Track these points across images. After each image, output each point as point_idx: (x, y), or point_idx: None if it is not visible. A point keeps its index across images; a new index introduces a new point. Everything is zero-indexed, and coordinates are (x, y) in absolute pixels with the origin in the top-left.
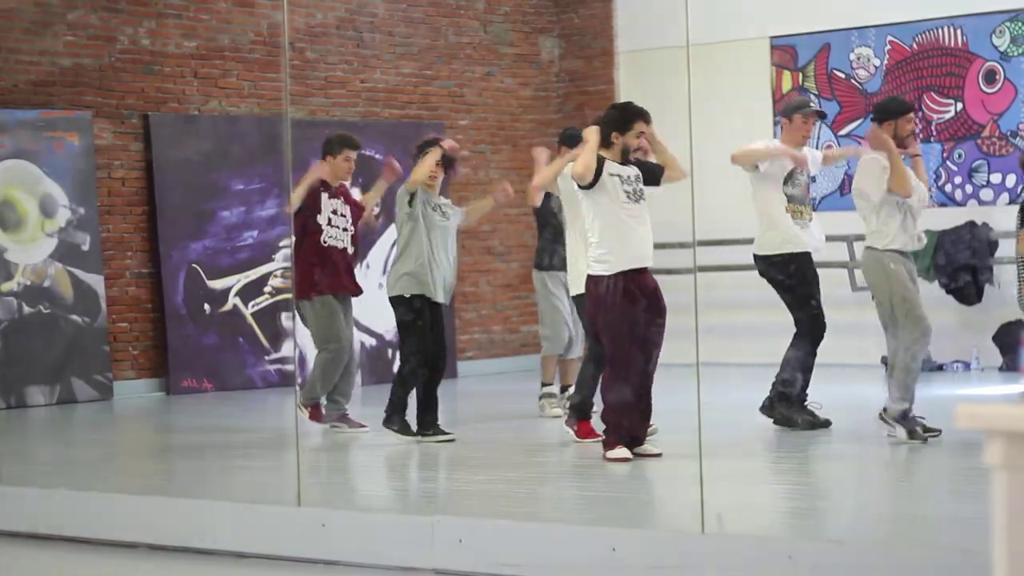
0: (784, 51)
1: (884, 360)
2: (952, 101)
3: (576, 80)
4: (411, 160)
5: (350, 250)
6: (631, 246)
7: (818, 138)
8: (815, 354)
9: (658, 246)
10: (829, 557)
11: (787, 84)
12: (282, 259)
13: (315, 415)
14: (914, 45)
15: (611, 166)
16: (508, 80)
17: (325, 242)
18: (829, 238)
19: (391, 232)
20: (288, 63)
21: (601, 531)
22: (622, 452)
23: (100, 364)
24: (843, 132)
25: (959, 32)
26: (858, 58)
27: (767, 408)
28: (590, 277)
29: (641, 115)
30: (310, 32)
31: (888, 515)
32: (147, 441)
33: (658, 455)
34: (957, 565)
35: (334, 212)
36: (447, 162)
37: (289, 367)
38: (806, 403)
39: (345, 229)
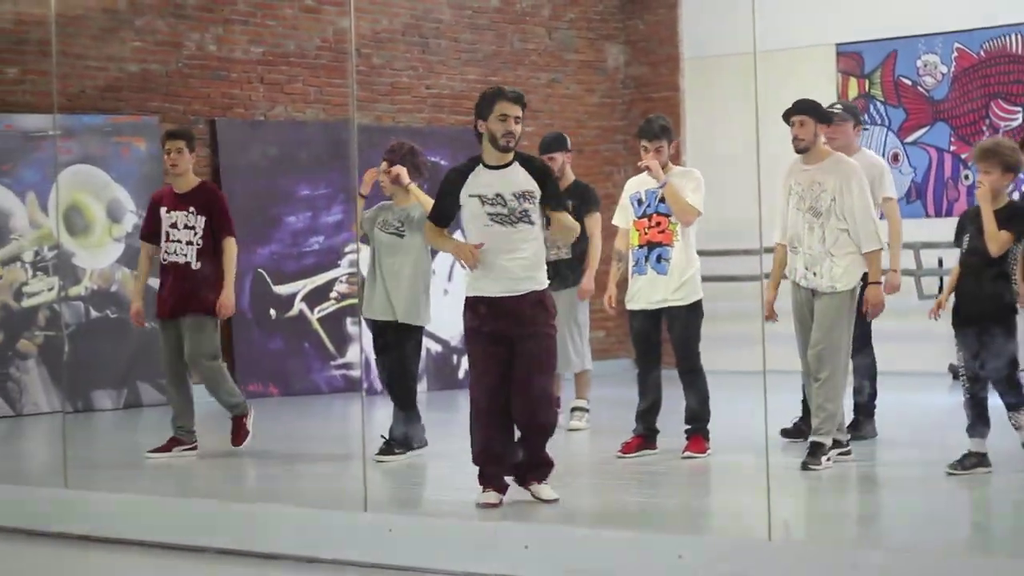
0: (850, 58)
1: (951, 368)
2: (1020, 108)
3: (641, 87)
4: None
5: (195, 265)
6: None
7: (884, 144)
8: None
9: (723, 253)
10: (894, 566)
11: (853, 91)
12: (347, 265)
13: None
14: (981, 52)
15: None
16: (573, 87)
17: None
18: None
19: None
20: (355, 69)
21: (667, 538)
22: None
23: None
24: (910, 139)
25: None
26: (925, 65)
27: (852, 429)
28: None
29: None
30: (376, 38)
31: (953, 524)
32: (213, 445)
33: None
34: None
35: (173, 226)
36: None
37: (354, 372)
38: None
39: (189, 242)
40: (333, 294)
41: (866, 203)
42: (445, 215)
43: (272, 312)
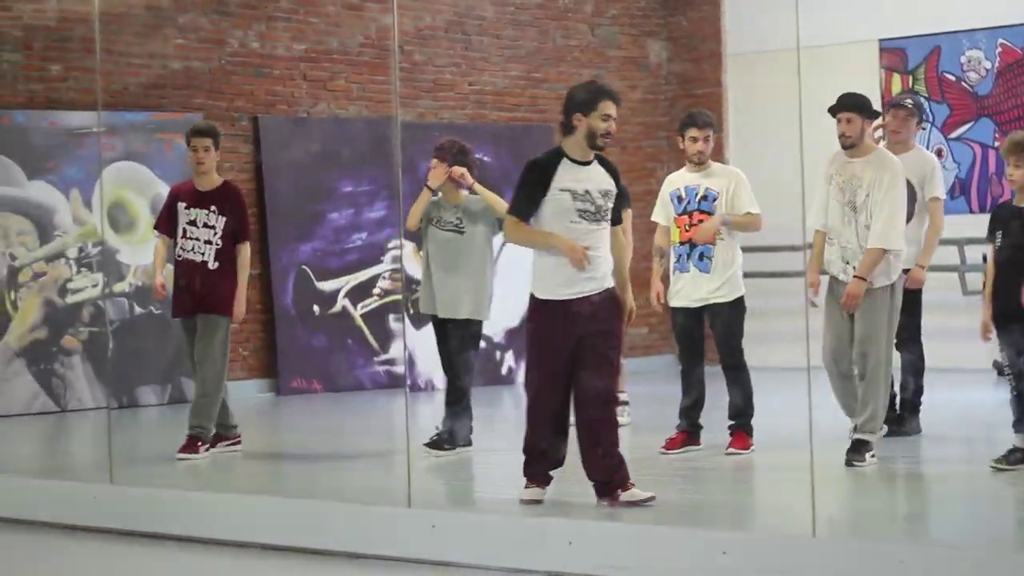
0: (894, 54)
1: (995, 364)
2: None
3: (684, 83)
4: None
5: (211, 265)
6: None
7: (928, 140)
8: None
9: (767, 249)
10: (940, 562)
11: (896, 87)
12: (390, 261)
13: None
14: None
15: None
16: (616, 83)
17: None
18: (940, 241)
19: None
20: (397, 66)
21: (711, 535)
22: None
23: None
24: (954, 135)
25: None
26: (969, 61)
27: (896, 424)
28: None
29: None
30: (419, 35)
31: (999, 520)
32: (257, 441)
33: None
34: None
35: (191, 223)
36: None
37: (398, 368)
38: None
39: (208, 241)
40: (376, 290)
41: (894, 201)
42: (531, 209)
43: (315, 308)
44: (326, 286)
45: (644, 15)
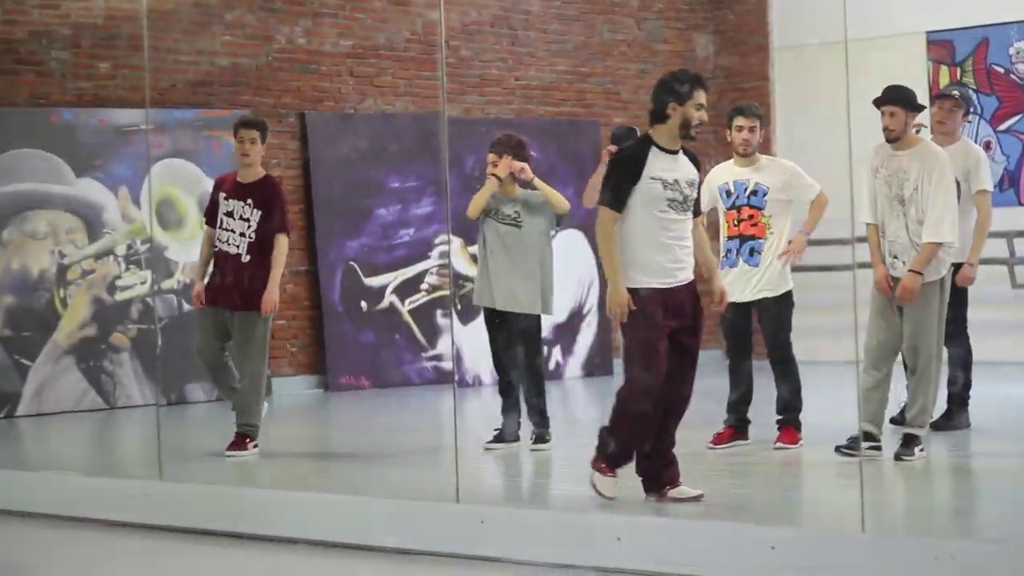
0: (941, 46)
1: None
2: None
3: (731, 77)
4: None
5: (244, 258)
6: None
7: (977, 132)
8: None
9: (816, 243)
10: (990, 558)
11: (944, 79)
12: (437, 257)
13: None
14: None
15: None
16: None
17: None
18: (988, 234)
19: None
20: (444, 61)
21: (760, 530)
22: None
23: None
24: (1002, 127)
25: None
26: (1017, 52)
27: (945, 419)
28: None
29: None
30: (465, 30)
31: None
32: (306, 437)
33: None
34: None
35: (228, 214)
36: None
37: (445, 364)
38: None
39: (242, 234)
40: (424, 286)
41: (945, 194)
42: (623, 199)
43: (363, 304)
44: (373, 282)
45: (690, 9)
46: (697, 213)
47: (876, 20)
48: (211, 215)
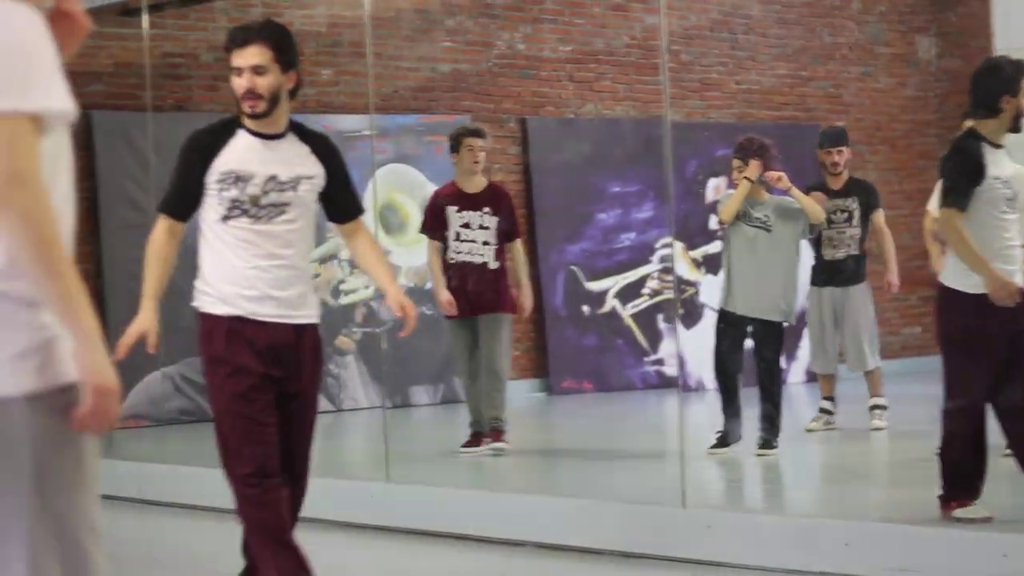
0: None
1: None
2: None
3: (955, 80)
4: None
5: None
6: None
7: None
8: None
9: None
10: None
11: None
12: (659, 261)
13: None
14: None
15: None
16: (885, 80)
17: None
18: None
19: None
20: (667, 66)
21: (991, 536)
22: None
23: None
24: None
25: None
26: None
27: None
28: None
29: None
30: (685, 34)
31: None
32: (530, 440)
33: None
34: None
35: (465, 226)
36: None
37: (667, 368)
38: None
39: (486, 242)
40: (645, 290)
41: None
42: (968, 201)
43: (585, 309)
44: (595, 286)
45: (912, 11)
46: None
47: None
48: (433, 228)
